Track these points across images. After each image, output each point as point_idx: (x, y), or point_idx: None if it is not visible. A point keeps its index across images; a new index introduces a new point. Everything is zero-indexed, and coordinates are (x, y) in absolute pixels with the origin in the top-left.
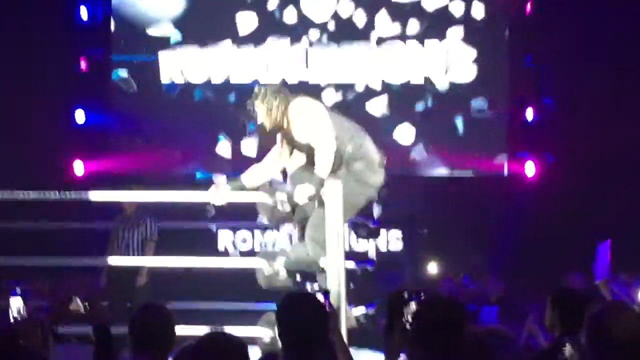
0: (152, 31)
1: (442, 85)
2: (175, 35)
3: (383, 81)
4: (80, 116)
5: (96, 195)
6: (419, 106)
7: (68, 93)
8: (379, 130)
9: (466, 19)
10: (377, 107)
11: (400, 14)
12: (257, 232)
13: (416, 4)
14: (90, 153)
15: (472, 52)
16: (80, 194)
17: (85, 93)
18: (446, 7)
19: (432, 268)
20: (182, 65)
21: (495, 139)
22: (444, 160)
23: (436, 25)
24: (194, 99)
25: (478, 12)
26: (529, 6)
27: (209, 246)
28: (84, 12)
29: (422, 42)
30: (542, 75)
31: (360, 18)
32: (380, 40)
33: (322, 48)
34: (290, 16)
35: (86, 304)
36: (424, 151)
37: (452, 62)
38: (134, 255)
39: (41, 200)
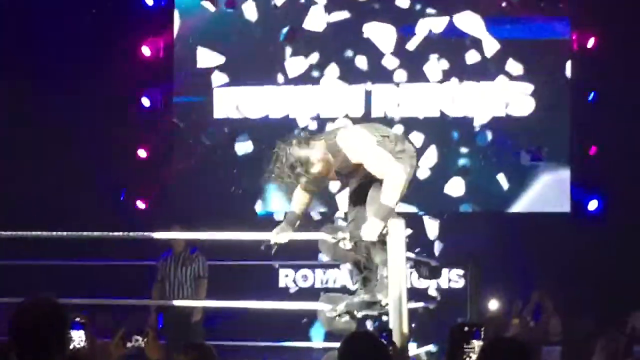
0: (203, 64)
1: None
2: (221, 77)
3: (442, 115)
4: (142, 153)
5: (160, 235)
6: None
7: (130, 130)
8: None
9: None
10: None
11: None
12: (318, 269)
13: (461, 61)
14: (151, 188)
15: (529, 87)
16: (144, 234)
17: (146, 130)
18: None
19: (494, 306)
20: (237, 101)
21: (555, 176)
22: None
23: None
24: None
25: (515, 69)
26: (592, 41)
27: (270, 282)
28: (146, 49)
29: (478, 81)
30: (606, 111)
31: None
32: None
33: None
34: (332, 71)
35: (145, 339)
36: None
37: (510, 97)
38: (187, 293)
39: (106, 238)
